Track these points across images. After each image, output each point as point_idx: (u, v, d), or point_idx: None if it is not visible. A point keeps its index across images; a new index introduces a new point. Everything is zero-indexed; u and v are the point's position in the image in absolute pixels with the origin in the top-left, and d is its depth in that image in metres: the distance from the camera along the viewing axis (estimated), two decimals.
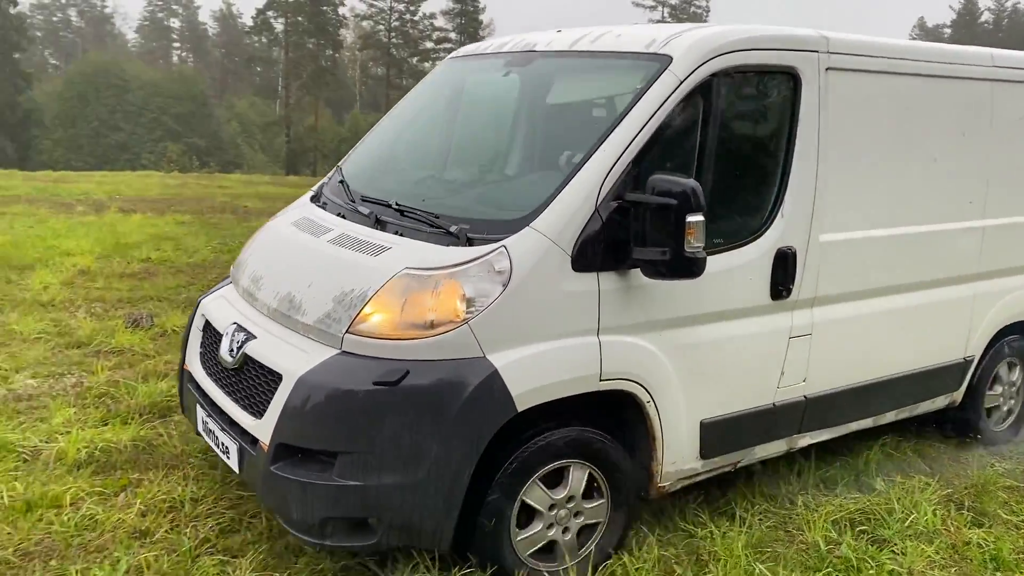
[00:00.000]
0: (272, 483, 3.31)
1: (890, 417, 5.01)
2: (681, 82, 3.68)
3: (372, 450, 3.19)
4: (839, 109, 4.25)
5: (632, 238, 3.43)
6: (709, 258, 3.61)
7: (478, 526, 3.37)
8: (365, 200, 4.03)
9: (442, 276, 3.35)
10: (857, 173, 4.39)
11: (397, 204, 3.83)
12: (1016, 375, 5.67)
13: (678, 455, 3.97)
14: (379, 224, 3.79)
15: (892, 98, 4.53)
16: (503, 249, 3.34)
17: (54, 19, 74.94)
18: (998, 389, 5.57)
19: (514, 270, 3.32)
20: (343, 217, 4.03)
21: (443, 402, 3.22)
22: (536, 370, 3.42)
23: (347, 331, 3.35)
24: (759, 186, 4.13)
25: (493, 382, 3.29)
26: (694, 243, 3.37)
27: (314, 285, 3.64)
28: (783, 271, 4.06)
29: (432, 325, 3.27)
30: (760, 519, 4.27)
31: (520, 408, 3.37)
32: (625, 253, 3.47)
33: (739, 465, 4.35)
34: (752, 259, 3.97)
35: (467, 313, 3.28)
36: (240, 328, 3.77)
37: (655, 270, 3.43)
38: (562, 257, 3.38)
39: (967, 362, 5.24)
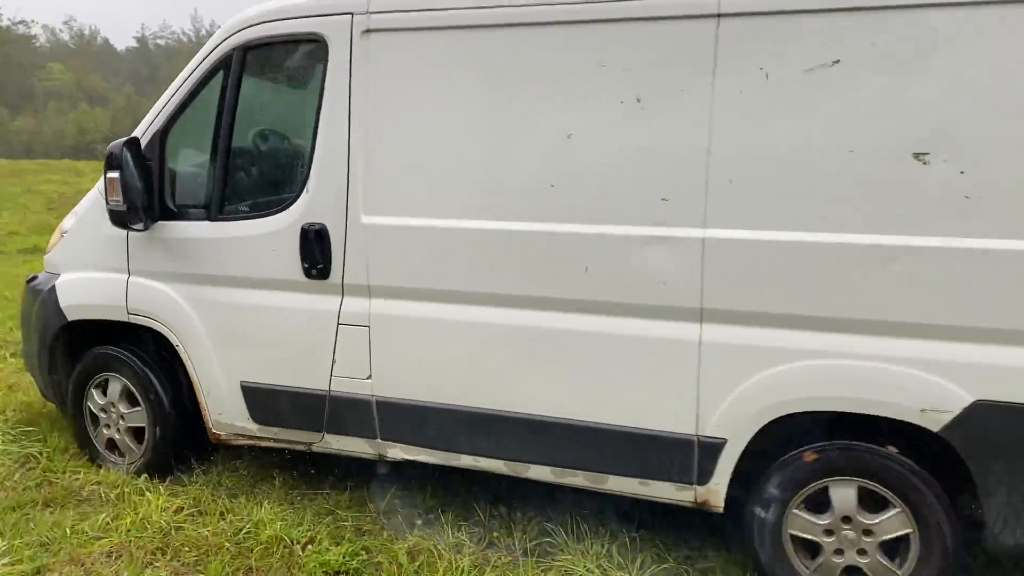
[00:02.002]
0: None
1: (543, 475, 3.76)
2: (205, 57, 4.08)
3: (22, 326, 4.97)
4: (386, 76, 3.72)
5: None
6: (231, 224, 4.07)
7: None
8: None
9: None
10: (420, 151, 3.71)
11: None
12: (871, 516, 3.27)
13: (224, 409, 4.31)
14: None
15: (489, 58, 3.56)
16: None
17: None
18: (827, 522, 3.34)
19: (77, 213, 4.53)
20: None
21: (34, 301, 4.65)
22: (79, 292, 4.49)
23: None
24: (284, 160, 4.29)
25: (52, 294, 4.54)
26: (113, 197, 4.08)
27: None
28: (311, 249, 3.88)
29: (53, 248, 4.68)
30: None
31: (70, 318, 4.50)
32: None
33: (314, 448, 4.23)
34: (276, 232, 3.95)
35: (60, 240, 4.62)
36: None
37: None
38: (103, 206, 4.19)
39: (705, 445, 3.43)
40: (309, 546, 3.86)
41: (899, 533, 3.26)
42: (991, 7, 2.88)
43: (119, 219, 4.11)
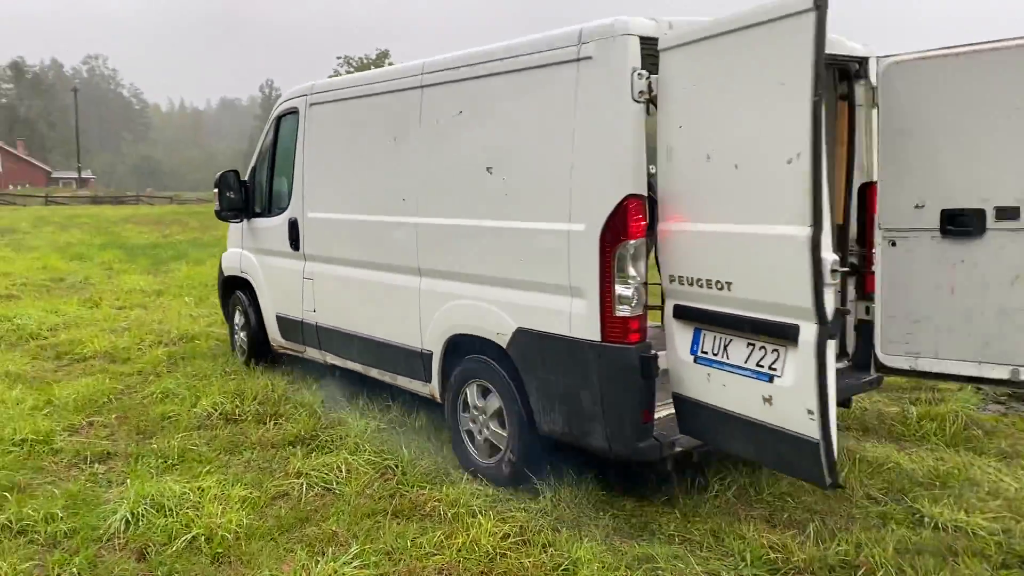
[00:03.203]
0: None
1: (375, 374, 6.30)
2: (269, 122, 7.34)
3: None
4: (315, 130, 6.63)
5: None
6: (267, 219, 7.30)
7: None
8: None
9: None
10: (322, 172, 6.59)
11: None
12: (486, 402, 5.22)
13: (273, 331, 7.50)
14: None
15: (347, 117, 6.29)
16: None
17: None
18: (469, 411, 5.38)
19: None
20: None
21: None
22: (227, 259, 8.09)
23: None
24: (289, 181, 6.97)
25: (219, 261, 8.28)
26: (216, 203, 7.53)
27: None
28: (292, 232, 6.89)
29: None
30: None
31: (225, 275, 8.18)
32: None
33: (304, 355, 7.21)
34: (282, 222, 7.02)
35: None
36: None
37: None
38: None
39: (425, 356, 5.59)
40: None
41: (496, 407, 5.09)
42: (510, 75, 4.79)
43: (219, 216, 7.68)
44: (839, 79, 5.13)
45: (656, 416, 4.40)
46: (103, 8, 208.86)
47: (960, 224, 4.59)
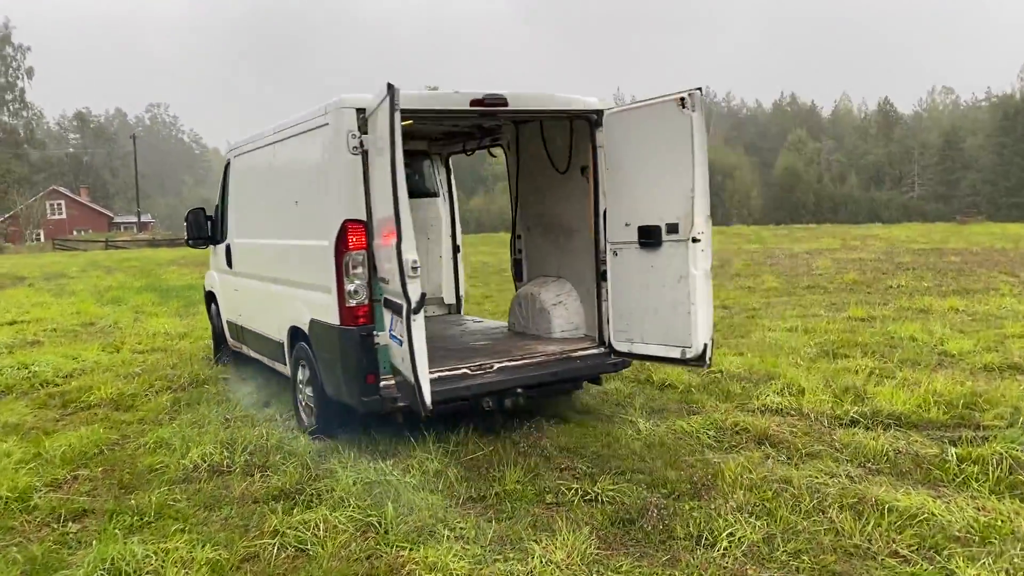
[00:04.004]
0: None
1: (266, 361, 8.28)
2: (223, 167, 9.52)
3: None
4: (235, 175, 8.98)
5: None
6: (220, 244, 9.44)
7: None
8: None
9: None
10: (240, 209, 8.84)
11: None
12: (303, 376, 7.04)
13: (229, 335, 9.56)
14: None
15: (246, 165, 8.58)
16: None
17: None
18: (299, 384, 7.14)
19: None
20: None
21: None
22: (206, 278, 10.64)
23: None
24: (228, 215, 9.28)
25: (204, 280, 11.09)
26: (186, 233, 9.83)
27: None
28: (227, 254, 9.19)
29: None
30: None
31: (207, 289, 10.56)
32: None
33: (243, 352, 9.17)
34: (224, 248, 9.30)
35: None
36: None
37: None
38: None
39: (281, 344, 7.46)
40: None
41: (307, 388, 7.00)
42: (303, 135, 6.84)
43: (187, 243, 9.90)
44: (588, 126, 6.81)
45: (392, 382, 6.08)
46: (164, 62, 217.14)
47: (648, 237, 6.23)
